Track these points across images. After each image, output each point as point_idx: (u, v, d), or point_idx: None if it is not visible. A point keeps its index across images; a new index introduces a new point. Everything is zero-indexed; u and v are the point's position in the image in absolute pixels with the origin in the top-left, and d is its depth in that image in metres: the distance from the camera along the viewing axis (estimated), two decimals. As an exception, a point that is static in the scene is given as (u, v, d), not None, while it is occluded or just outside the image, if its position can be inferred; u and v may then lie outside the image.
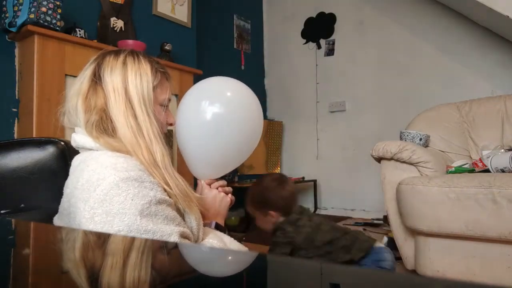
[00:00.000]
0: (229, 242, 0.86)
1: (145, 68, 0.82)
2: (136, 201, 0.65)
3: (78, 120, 0.79)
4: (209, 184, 0.99)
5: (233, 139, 0.95)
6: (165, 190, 0.74)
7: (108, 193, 0.65)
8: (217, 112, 0.93)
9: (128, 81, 0.78)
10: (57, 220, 0.80)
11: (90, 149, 0.76)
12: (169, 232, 0.68)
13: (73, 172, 0.74)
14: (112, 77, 0.78)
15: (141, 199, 0.66)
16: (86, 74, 0.81)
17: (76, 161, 0.77)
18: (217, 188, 0.99)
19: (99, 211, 0.64)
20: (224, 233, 0.91)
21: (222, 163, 0.99)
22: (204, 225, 0.89)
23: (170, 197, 0.75)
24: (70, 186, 0.72)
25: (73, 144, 0.81)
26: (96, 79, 0.79)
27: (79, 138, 0.78)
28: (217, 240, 0.84)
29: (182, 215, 0.78)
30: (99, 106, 0.77)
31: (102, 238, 0.50)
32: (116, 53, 0.82)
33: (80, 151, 0.82)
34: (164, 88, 0.86)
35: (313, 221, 1.46)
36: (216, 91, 1.00)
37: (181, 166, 1.21)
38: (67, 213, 0.72)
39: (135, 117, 0.77)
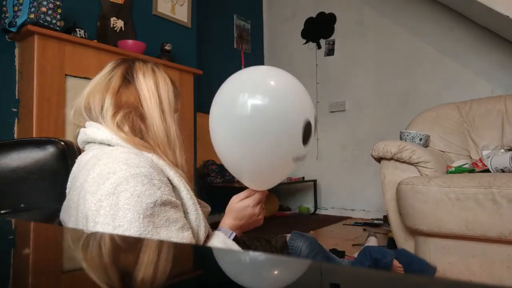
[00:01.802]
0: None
1: (168, 78, 0.90)
2: (142, 199, 0.67)
3: (99, 114, 0.81)
4: (257, 202, 0.92)
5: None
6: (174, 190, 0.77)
7: (117, 187, 0.66)
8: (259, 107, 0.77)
9: (159, 86, 0.86)
10: (63, 214, 0.80)
11: (101, 143, 0.78)
12: (167, 237, 0.69)
13: (84, 166, 0.75)
14: (146, 80, 0.85)
15: (147, 197, 0.67)
16: (116, 73, 0.85)
17: (85, 156, 0.78)
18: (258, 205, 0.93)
19: (104, 204, 0.66)
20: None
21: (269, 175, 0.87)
22: (219, 226, 0.89)
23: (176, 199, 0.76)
24: (81, 179, 0.73)
25: (82, 138, 0.81)
26: (129, 78, 0.84)
27: (91, 131, 0.80)
28: (220, 244, 0.83)
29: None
30: (130, 102, 0.82)
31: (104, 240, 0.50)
32: (144, 61, 0.89)
33: (85, 148, 0.82)
34: (178, 99, 0.94)
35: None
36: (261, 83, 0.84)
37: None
38: (75, 206, 0.72)
39: (165, 119, 0.84)
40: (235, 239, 0.88)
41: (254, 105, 0.77)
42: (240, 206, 0.89)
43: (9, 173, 0.92)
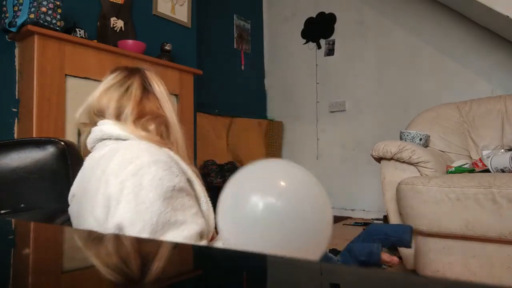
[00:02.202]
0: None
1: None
2: (163, 181, 0.71)
3: (115, 118, 0.86)
4: None
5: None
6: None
7: (139, 170, 0.71)
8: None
9: (168, 94, 0.94)
10: (74, 206, 0.83)
11: (117, 139, 0.82)
12: (183, 220, 0.72)
13: (101, 159, 0.77)
14: (160, 88, 0.93)
15: (167, 181, 0.72)
16: (132, 83, 0.89)
17: (99, 152, 0.81)
18: None
19: (128, 184, 0.70)
20: None
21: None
22: None
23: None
24: (100, 170, 0.75)
25: (97, 135, 0.83)
26: (148, 87, 0.91)
27: (107, 128, 0.83)
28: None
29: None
30: (154, 109, 0.89)
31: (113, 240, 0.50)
32: (149, 70, 0.95)
33: (95, 147, 0.84)
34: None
35: None
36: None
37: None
38: (93, 194, 0.74)
39: (179, 123, 0.92)
40: None
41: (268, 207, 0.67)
42: None
43: (9, 173, 0.92)
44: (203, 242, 0.75)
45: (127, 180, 0.70)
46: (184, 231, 0.71)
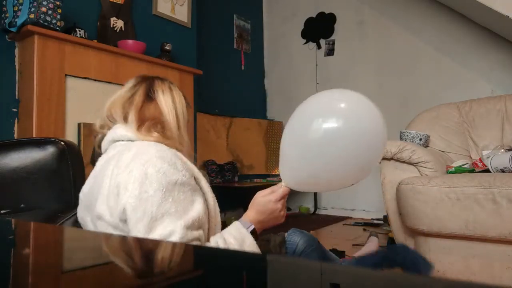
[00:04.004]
0: (247, 245, 0.85)
1: (181, 94, 1.01)
2: (166, 175, 0.77)
3: (124, 124, 0.92)
4: (280, 198, 0.95)
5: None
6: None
7: (146, 162, 0.77)
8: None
9: (176, 102, 0.97)
10: (85, 197, 0.89)
11: (129, 140, 0.88)
12: (183, 211, 0.76)
13: (113, 157, 0.84)
14: (165, 97, 0.95)
15: (171, 175, 0.77)
16: (138, 91, 0.94)
17: (111, 152, 0.88)
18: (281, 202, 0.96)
19: (135, 173, 0.76)
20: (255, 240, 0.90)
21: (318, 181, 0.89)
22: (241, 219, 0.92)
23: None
24: (112, 165, 0.82)
25: (111, 136, 0.90)
26: (151, 95, 0.95)
27: (121, 130, 0.90)
28: (234, 232, 0.86)
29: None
30: (152, 117, 0.92)
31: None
32: (161, 80, 1.00)
33: (109, 149, 0.90)
34: (189, 111, 1.04)
35: None
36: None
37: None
38: (106, 186, 0.80)
39: (181, 133, 0.95)
40: (254, 233, 0.89)
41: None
42: (263, 201, 0.92)
43: (9, 173, 0.92)
44: (200, 232, 0.78)
45: (135, 169, 0.76)
46: (180, 220, 0.75)
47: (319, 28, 3.79)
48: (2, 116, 1.89)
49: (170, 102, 0.95)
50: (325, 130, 0.83)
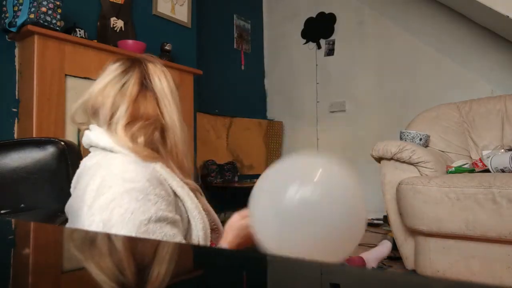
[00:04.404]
0: None
1: (170, 75, 0.87)
2: (135, 215, 0.66)
3: (107, 121, 0.78)
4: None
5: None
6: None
7: (110, 203, 0.66)
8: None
9: (172, 90, 0.85)
10: (67, 209, 0.80)
11: (104, 149, 0.76)
12: None
13: (88, 172, 0.74)
14: (162, 84, 0.83)
15: (141, 214, 0.67)
16: (130, 78, 0.81)
17: (89, 161, 0.78)
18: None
19: (97, 219, 0.66)
20: None
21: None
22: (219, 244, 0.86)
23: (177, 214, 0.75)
24: (82, 188, 0.72)
25: (86, 141, 0.80)
26: (147, 84, 0.81)
27: (94, 136, 0.78)
28: None
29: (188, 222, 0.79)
30: (150, 112, 0.79)
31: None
32: (153, 62, 0.86)
33: (90, 150, 0.81)
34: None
35: None
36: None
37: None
38: (76, 215, 0.72)
39: (182, 121, 0.84)
40: None
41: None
42: (242, 224, 0.84)
43: (9, 173, 0.92)
44: None
45: (97, 214, 0.66)
46: None
47: (319, 28, 3.79)
48: (2, 116, 1.89)
49: (167, 89, 0.83)
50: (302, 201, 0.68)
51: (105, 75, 0.83)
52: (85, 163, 0.79)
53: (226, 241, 0.85)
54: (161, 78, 0.83)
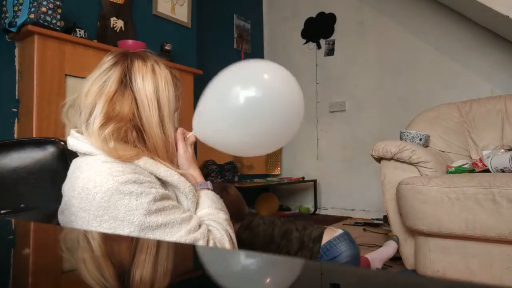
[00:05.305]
0: (224, 219, 0.83)
1: (169, 77, 0.83)
2: (141, 200, 0.67)
3: (85, 121, 0.76)
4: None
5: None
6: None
7: (110, 199, 0.66)
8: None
9: (159, 91, 0.79)
10: (59, 215, 0.80)
11: (85, 154, 0.75)
12: (180, 220, 0.70)
13: (70, 178, 0.73)
14: (145, 84, 0.77)
15: (145, 197, 0.67)
16: (112, 75, 0.77)
17: (72, 165, 0.77)
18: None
19: (106, 218, 0.66)
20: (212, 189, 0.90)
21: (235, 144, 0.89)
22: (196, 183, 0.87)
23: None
24: (67, 193, 0.71)
25: (69, 147, 0.80)
26: (126, 83, 0.76)
27: (73, 141, 0.77)
28: (213, 222, 0.80)
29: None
30: (125, 112, 0.75)
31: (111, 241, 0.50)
32: (143, 59, 0.81)
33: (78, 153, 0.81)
34: (180, 96, 0.91)
35: (266, 218, 1.47)
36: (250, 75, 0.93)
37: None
38: (68, 221, 0.72)
39: (164, 127, 0.79)
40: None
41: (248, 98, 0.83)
42: (190, 154, 0.88)
43: (9, 173, 0.92)
44: (199, 232, 0.72)
45: (103, 214, 0.65)
46: (179, 232, 0.69)
47: (319, 28, 3.79)
48: (2, 116, 1.90)
49: (151, 91, 0.77)
50: (246, 98, 0.83)
51: (95, 70, 0.80)
52: (72, 165, 0.78)
53: (198, 176, 0.89)
54: (146, 78, 0.77)
